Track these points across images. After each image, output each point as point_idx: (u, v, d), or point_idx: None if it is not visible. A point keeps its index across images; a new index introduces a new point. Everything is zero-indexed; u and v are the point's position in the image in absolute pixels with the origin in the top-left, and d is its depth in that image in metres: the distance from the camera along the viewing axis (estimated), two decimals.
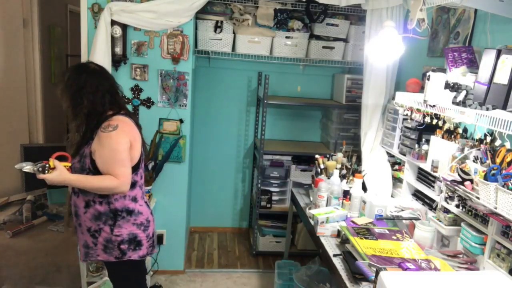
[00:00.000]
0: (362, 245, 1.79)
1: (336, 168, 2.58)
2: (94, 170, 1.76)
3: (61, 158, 1.77)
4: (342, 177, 2.58)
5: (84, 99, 1.75)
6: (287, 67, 3.57)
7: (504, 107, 1.49)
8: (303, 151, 3.49)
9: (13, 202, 4.05)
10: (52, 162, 1.70)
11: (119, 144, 1.73)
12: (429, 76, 1.77)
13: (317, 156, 2.74)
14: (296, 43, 3.25)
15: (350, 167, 2.66)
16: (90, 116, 1.77)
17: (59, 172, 1.70)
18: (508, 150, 1.59)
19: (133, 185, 1.82)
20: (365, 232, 1.93)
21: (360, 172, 2.64)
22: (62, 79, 1.81)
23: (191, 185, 3.62)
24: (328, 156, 2.77)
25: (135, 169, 1.82)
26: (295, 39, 3.24)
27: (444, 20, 2.35)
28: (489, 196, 1.50)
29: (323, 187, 2.37)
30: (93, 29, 2.64)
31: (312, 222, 2.23)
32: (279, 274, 2.92)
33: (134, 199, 1.85)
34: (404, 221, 2.16)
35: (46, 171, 1.69)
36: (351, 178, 2.60)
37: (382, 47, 2.12)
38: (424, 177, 2.29)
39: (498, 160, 1.59)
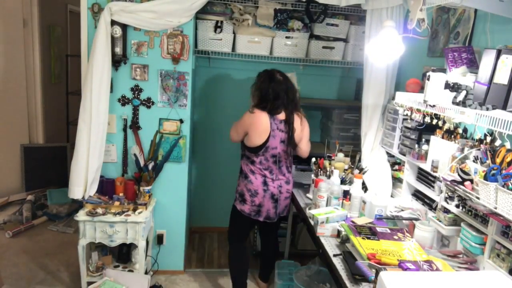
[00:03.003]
0: (364, 246, 1.78)
1: (345, 169, 2.60)
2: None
3: None
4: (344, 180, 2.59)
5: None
6: (287, 67, 3.55)
7: (504, 107, 1.49)
8: None
9: (13, 202, 4.05)
10: None
11: (242, 119, 2.58)
12: (429, 76, 1.77)
13: (313, 159, 2.76)
14: (296, 43, 3.25)
15: (352, 166, 2.68)
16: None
17: None
18: (508, 150, 1.59)
19: (253, 162, 2.59)
20: (367, 231, 1.93)
21: (361, 170, 2.64)
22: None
23: (191, 185, 3.62)
24: (325, 156, 2.77)
25: (254, 151, 2.56)
26: (295, 39, 3.24)
27: (444, 20, 2.35)
28: (489, 196, 1.50)
29: (323, 187, 2.37)
30: (93, 29, 2.64)
31: (312, 222, 2.23)
32: (279, 274, 2.92)
33: (252, 172, 2.59)
34: (404, 221, 2.16)
35: None
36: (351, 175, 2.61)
37: (382, 47, 2.12)
38: (424, 177, 2.29)
39: (498, 160, 1.59)
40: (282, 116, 2.56)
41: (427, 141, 2.18)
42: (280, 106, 2.57)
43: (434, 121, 2.02)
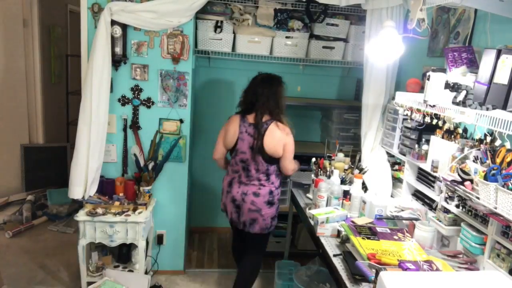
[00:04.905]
0: (364, 246, 1.78)
1: (345, 169, 2.60)
2: None
3: None
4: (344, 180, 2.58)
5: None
6: (287, 67, 3.56)
7: (504, 107, 1.49)
8: (303, 151, 3.49)
9: (13, 202, 4.05)
10: None
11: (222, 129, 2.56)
12: (429, 76, 1.77)
13: (313, 159, 2.75)
14: (296, 43, 3.25)
15: (352, 166, 2.68)
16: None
17: None
18: (508, 150, 1.59)
19: (229, 162, 2.57)
20: (367, 231, 1.93)
21: (361, 170, 2.64)
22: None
23: (191, 185, 3.62)
24: (325, 156, 2.77)
25: (230, 152, 2.54)
26: (295, 39, 3.24)
27: (444, 20, 2.35)
28: (489, 196, 1.50)
29: (323, 187, 2.37)
30: (93, 29, 2.64)
31: (312, 222, 2.23)
32: (279, 274, 2.92)
33: (227, 170, 2.61)
34: (404, 221, 2.16)
35: None
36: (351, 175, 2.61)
37: (382, 47, 2.12)
38: (424, 177, 2.29)
39: (498, 160, 1.59)
40: (251, 119, 2.43)
41: (427, 141, 2.18)
42: (253, 110, 2.42)
43: (434, 121, 2.01)
